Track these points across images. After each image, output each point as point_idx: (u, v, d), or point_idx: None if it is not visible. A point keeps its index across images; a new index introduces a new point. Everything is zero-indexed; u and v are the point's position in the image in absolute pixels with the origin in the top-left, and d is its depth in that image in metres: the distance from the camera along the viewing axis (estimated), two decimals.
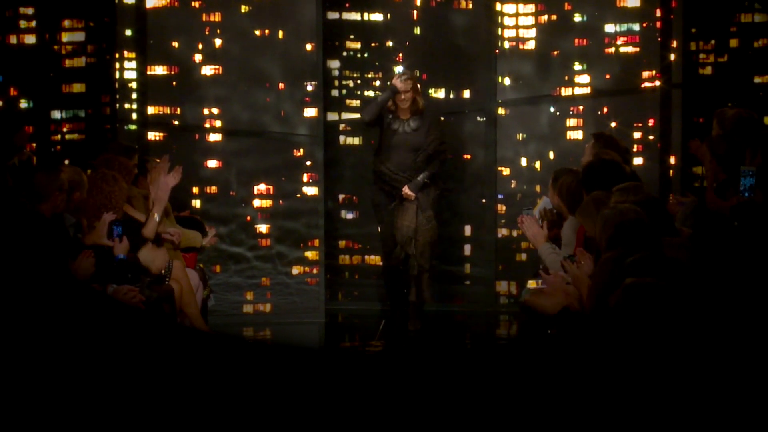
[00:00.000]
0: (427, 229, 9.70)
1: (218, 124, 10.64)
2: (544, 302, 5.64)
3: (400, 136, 9.77)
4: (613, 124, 10.46)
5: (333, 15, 10.82)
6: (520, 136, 10.72)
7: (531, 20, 10.68)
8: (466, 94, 10.78)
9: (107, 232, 7.21)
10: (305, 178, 10.68)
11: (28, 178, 7.02)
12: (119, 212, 7.35)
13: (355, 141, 10.87)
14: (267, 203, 10.65)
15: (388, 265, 9.84)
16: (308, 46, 10.62)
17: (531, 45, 10.69)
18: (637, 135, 10.47)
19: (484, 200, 10.72)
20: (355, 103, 10.81)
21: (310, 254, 10.72)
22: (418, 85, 9.91)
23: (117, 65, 10.48)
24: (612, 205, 5.86)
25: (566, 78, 10.61)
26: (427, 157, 9.73)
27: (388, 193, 9.78)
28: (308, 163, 10.67)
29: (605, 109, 10.57)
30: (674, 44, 10.37)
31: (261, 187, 10.66)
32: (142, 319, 6.69)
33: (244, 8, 10.59)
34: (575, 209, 6.77)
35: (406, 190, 9.67)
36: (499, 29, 10.68)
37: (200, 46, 10.58)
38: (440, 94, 10.80)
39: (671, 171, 10.32)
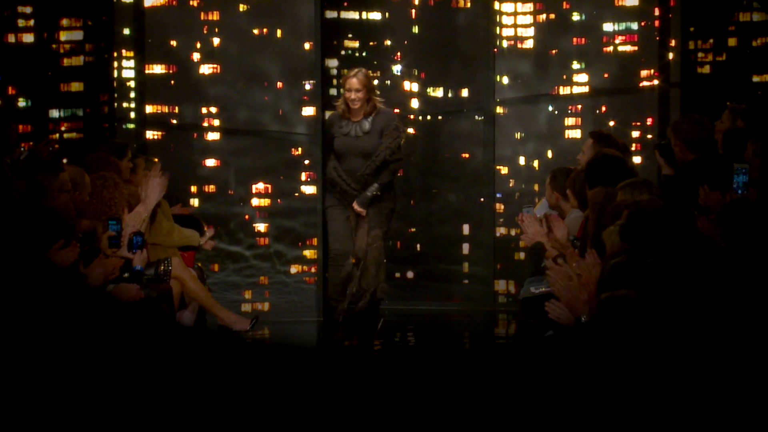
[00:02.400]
0: (373, 248, 9.09)
1: (216, 123, 10.64)
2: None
3: (351, 140, 9.16)
4: (611, 123, 10.47)
5: (331, 14, 10.81)
6: (518, 135, 10.73)
7: (529, 19, 10.68)
8: (465, 93, 10.78)
9: (128, 244, 7.31)
10: (303, 176, 10.68)
11: (29, 176, 7.02)
12: (84, 206, 7.34)
13: None
14: (265, 202, 10.64)
15: (333, 280, 9.25)
16: (306, 45, 10.62)
17: (529, 44, 10.69)
18: (635, 134, 10.48)
19: (482, 199, 10.72)
20: None
21: (308, 253, 10.72)
22: (373, 84, 9.37)
23: (115, 64, 10.48)
24: (620, 201, 5.87)
25: (564, 77, 10.62)
26: (376, 167, 9.06)
27: (340, 201, 9.23)
28: (306, 162, 10.67)
29: (604, 108, 10.57)
30: (673, 43, 10.37)
31: (259, 186, 10.66)
32: (142, 319, 6.69)
33: (242, 7, 10.59)
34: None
35: (355, 205, 9.10)
36: (498, 28, 10.68)
37: (198, 45, 10.58)
38: (438, 93, 10.79)
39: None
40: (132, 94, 10.58)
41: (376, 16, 10.86)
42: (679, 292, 4.35)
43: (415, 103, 10.72)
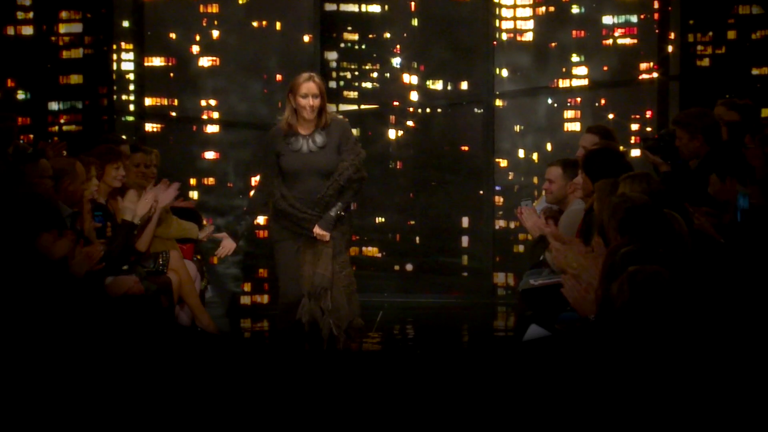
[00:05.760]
0: (343, 276, 7.79)
1: (215, 115, 10.64)
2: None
3: (304, 156, 7.62)
4: (610, 116, 10.47)
5: (331, 6, 10.81)
6: (517, 128, 10.73)
7: (529, 12, 10.68)
8: (464, 85, 10.78)
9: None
10: None
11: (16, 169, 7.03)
12: (79, 196, 7.34)
13: (354, 132, 10.84)
14: None
15: (285, 326, 7.82)
16: (306, 38, 10.61)
17: (529, 37, 10.69)
18: (634, 127, 10.48)
19: (481, 192, 10.72)
20: (353, 94, 10.81)
21: None
22: (324, 92, 7.71)
23: (114, 56, 10.48)
24: (620, 193, 5.87)
25: (564, 70, 10.62)
26: (339, 188, 7.61)
27: (292, 231, 7.72)
28: None
29: (603, 101, 10.57)
30: (672, 36, 10.37)
31: (258, 179, 10.65)
32: (139, 312, 6.69)
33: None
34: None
35: (317, 230, 7.60)
36: (497, 21, 10.68)
37: (198, 38, 10.59)
38: (438, 85, 10.79)
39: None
40: (131, 87, 10.58)
41: (375, 8, 10.86)
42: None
43: (414, 96, 10.72)
